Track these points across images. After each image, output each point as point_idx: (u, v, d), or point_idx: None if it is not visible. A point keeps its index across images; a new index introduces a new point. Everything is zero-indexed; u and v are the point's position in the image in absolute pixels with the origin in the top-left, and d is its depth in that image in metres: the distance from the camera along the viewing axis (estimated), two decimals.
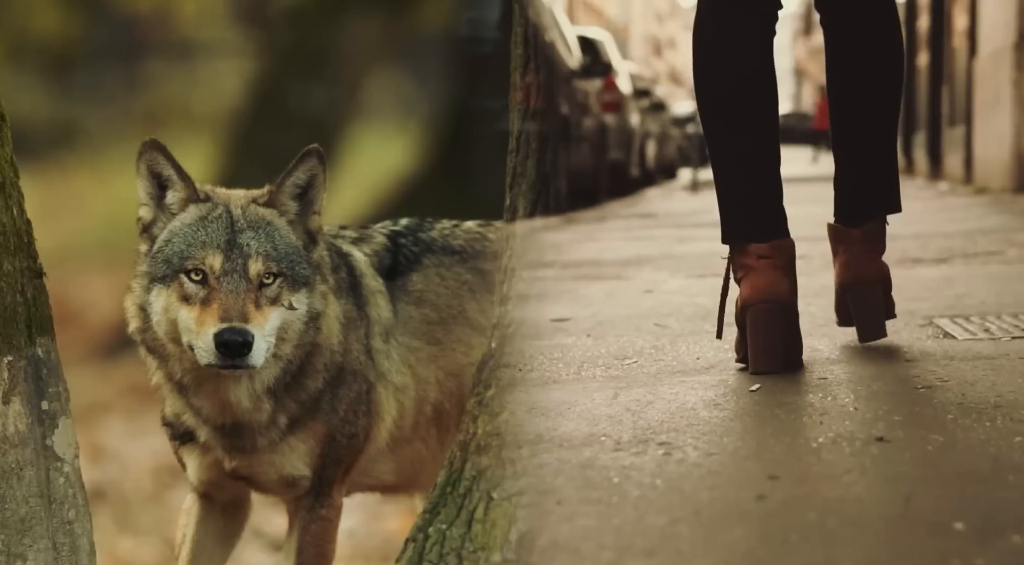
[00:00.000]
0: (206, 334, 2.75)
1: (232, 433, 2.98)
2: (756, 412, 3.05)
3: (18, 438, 2.58)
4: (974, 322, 4.08)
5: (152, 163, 2.91)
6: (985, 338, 3.79)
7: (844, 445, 2.63)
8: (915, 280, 5.36)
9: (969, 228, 8.26)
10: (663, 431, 2.78)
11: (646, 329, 4.20)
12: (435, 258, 3.29)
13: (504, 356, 3.28)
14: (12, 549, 2.55)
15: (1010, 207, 10.49)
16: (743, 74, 3.34)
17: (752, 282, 3.34)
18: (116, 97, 7.33)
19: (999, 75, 12.85)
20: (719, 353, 3.65)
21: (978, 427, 2.74)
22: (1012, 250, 6.63)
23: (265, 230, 2.88)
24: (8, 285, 2.60)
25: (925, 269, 5.85)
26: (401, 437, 3.19)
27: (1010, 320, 4.10)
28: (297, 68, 7.51)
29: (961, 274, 5.64)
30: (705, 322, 4.16)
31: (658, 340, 3.95)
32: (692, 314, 4.50)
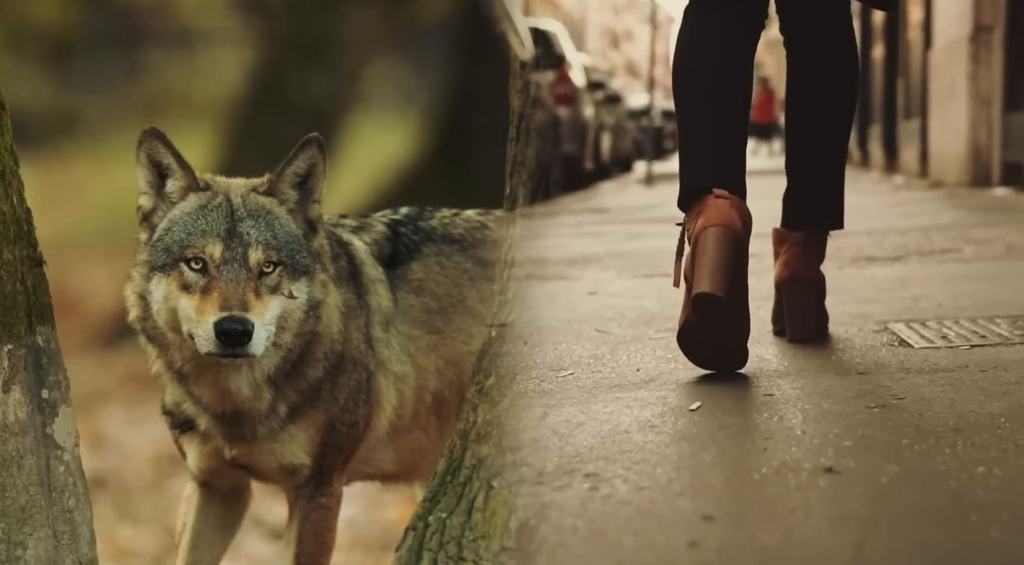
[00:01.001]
0: (206, 323, 2.75)
1: (232, 422, 2.98)
2: (695, 436, 2.80)
3: (18, 426, 2.58)
4: (931, 328, 3.89)
5: (152, 151, 2.91)
6: (943, 346, 3.61)
7: (789, 476, 2.41)
8: (869, 280, 5.22)
9: (924, 224, 8.07)
10: (592, 459, 2.58)
11: (586, 335, 4.03)
12: (435, 247, 3.29)
13: (504, 344, 3.28)
14: (12, 537, 2.56)
15: (966, 202, 10.24)
16: (718, 65, 3.44)
17: (706, 214, 3.30)
18: (116, 85, 7.33)
19: (954, 67, 12.68)
20: (660, 364, 3.52)
21: (936, 455, 2.52)
22: (968, 247, 6.39)
23: (265, 219, 2.88)
24: (8, 273, 2.60)
25: (879, 268, 5.65)
26: (401, 426, 3.19)
27: (968, 325, 3.92)
28: (297, 56, 7.50)
29: (917, 274, 5.44)
30: (649, 327, 4.10)
31: (598, 348, 3.80)
32: (635, 319, 4.35)
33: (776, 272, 3.75)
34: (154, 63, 7.51)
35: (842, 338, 3.75)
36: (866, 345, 3.66)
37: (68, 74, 7.36)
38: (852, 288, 4.81)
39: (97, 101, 7.27)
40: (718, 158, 3.46)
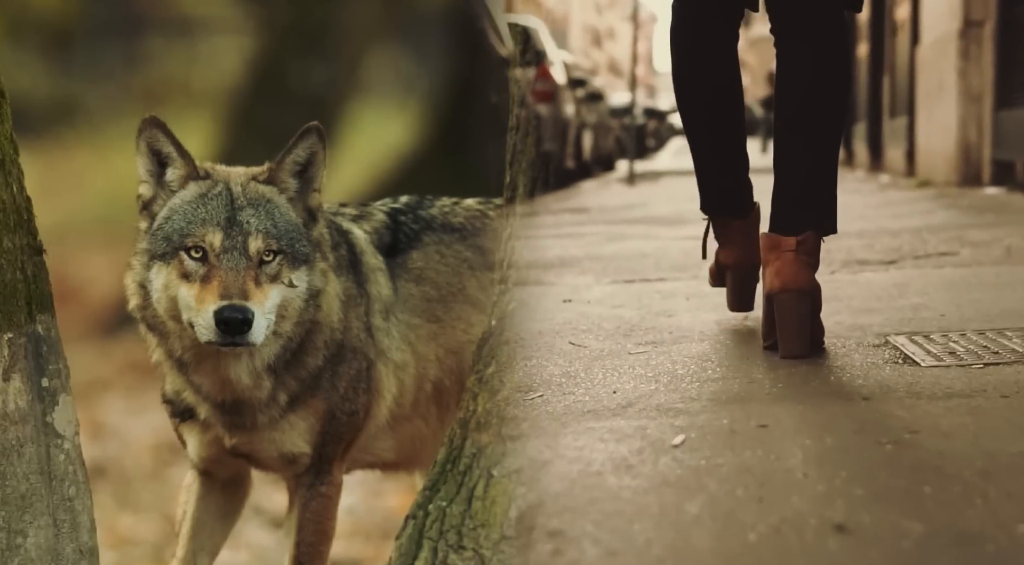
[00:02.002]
0: (206, 311, 2.75)
1: (232, 410, 2.98)
2: (678, 479, 2.44)
3: (18, 415, 2.58)
4: (936, 342, 3.56)
5: (152, 140, 2.91)
6: (953, 364, 3.27)
7: (791, 537, 2.08)
8: (863, 287, 4.88)
9: (916, 225, 7.67)
10: (557, 511, 2.28)
11: (559, 349, 3.70)
12: (435, 236, 3.29)
13: (504, 333, 3.28)
14: (13, 526, 2.56)
15: (957, 202, 9.76)
16: (717, 81, 3.80)
17: (732, 252, 4.01)
18: (116, 74, 7.32)
19: (943, 64, 12.37)
20: (639, 384, 3.22)
21: (966, 508, 2.16)
22: (965, 250, 6.02)
23: (265, 207, 2.88)
24: (8, 262, 2.60)
25: (873, 273, 5.30)
26: (401, 414, 3.19)
27: (976, 339, 3.58)
28: (297, 45, 7.49)
29: (914, 279, 5.07)
30: (627, 340, 3.80)
31: (571, 364, 3.49)
32: (613, 330, 4.02)
33: (766, 282, 3.51)
34: (154, 51, 7.50)
35: (839, 354, 3.43)
36: (867, 363, 3.33)
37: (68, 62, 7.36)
38: (846, 296, 4.56)
39: (97, 89, 7.27)
40: (726, 180, 3.95)
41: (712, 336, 3.91)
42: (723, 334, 3.95)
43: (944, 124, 12.26)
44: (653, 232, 7.87)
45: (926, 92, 13.50)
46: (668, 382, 3.23)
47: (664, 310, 4.42)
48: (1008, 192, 10.23)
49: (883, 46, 17.82)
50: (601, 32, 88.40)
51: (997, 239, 6.37)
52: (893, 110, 16.66)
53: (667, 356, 3.57)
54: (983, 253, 5.86)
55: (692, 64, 3.80)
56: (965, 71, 11.58)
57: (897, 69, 16.50)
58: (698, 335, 3.91)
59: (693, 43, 3.78)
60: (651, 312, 4.37)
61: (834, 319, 3.95)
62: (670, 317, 4.27)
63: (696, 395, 3.10)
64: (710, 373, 3.35)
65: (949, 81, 12.02)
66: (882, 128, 17.67)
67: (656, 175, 18.55)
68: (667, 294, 4.84)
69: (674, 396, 3.09)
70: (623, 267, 5.89)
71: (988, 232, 6.81)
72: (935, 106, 12.75)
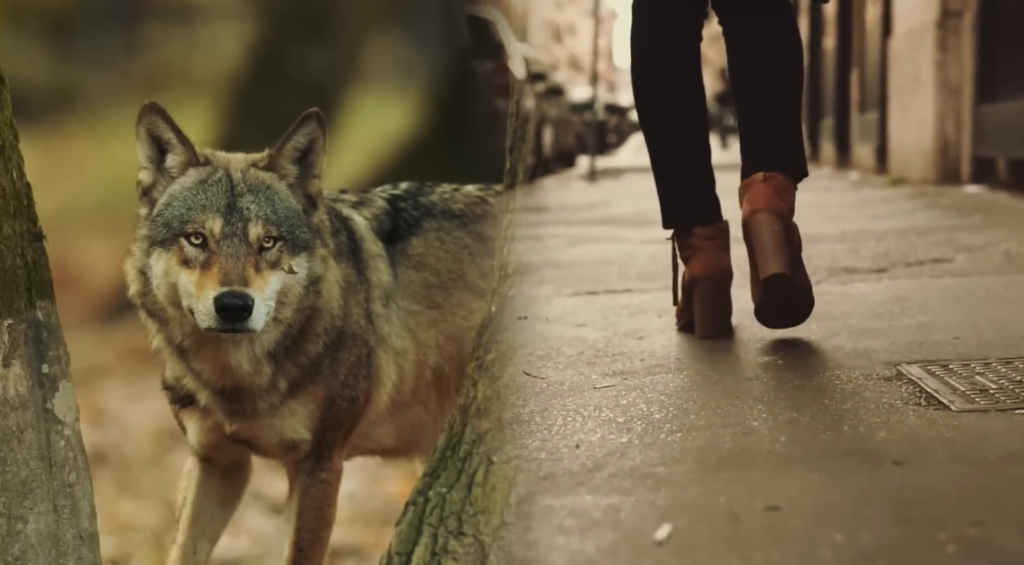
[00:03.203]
0: (206, 298, 2.75)
1: (232, 397, 2.98)
2: None
3: (18, 401, 2.58)
4: (959, 374, 3.05)
5: (152, 126, 2.90)
6: (990, 408, 2.73)
7: None
8: (858, 301, 4.33)
9: (899, 226, 7.03)
10: None
11: (512, 382, 3.22)
12: (435, 222, 3.29)
13: (503, 321, 3.28)
14: (13, 512, 2.56)
15: (937, 201, 9.06)
16: (673, 77, 3.69)
17: (701, 261, 3.66)
18: (116, 60, 7.32)
19: (919, 56, 11.77)
20: (608, 434, 2.68)
21: None
22: (960, 256, 5.44)
23: (265, 194, 2.88)
24: (8, 248, 2.60)
25: (865, 284, 4.75)
26: (401, 401, 3.19)
27: (1005, 371, 3.06)
28: (297, 31, 7.49)
29: (911, 291, 4.53)
30: (592, 369, 3.31)
31: (524, 405, 2.97)
32: (575, 356, 3.50)
33: (743, 212, 3.56)
34: (154, 38, 7.50)
35: (848, 391, 2.91)
36: (883, 405, 2.79)
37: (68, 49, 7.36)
38: (840, 312, 4.05)
39: (97, 76, 7.27)
40: (696, 192, 3.74)
41: (690, 364, 3.45)
42: (703, 361, 3.48)
43: (920, 119, 11.72)
44: (617, 234, 7.25)
45: (900, 85, 12.90)
46: (643, 431, 2.68)
47: (633, 330, 3.92)
48: (990, 190, 9.66)
49: (850, 38, 17.26)
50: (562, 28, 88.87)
51: (991, 243, 5.85)
52: (863, 105, 16.03)
53: (640, 392, 3.04)
54: (981, 260, 5.32)
55: (651, 59, 3.70)
56: (943, 63, 11.11)
57: (867, 62, 15.83)
58: (674, 363, 3.43)
59: (653, 42, 3.70)
60: (619, 333, 3.87)
61: (832, 343, 3.56)
62: (640, 339, 3.76)
63: (679, 453, 2.52)
64: (693, 418, 2.79)
65: (925, 74, 11.49)
66: (850, 124, 17.05)
67: (618, 172, 18.14)
68: (636, 309, 4.33)
69: (652, 455, 2.52)
70: (586, 276, 5.33)
71: (979, 235, 6.29)
72: (910, 100, 12.27)
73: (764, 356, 3.45)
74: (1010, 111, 9.24)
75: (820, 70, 20.05)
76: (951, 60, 10.99)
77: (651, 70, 3.69)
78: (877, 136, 14.25)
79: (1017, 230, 6.44)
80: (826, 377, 3.12)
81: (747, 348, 3.57)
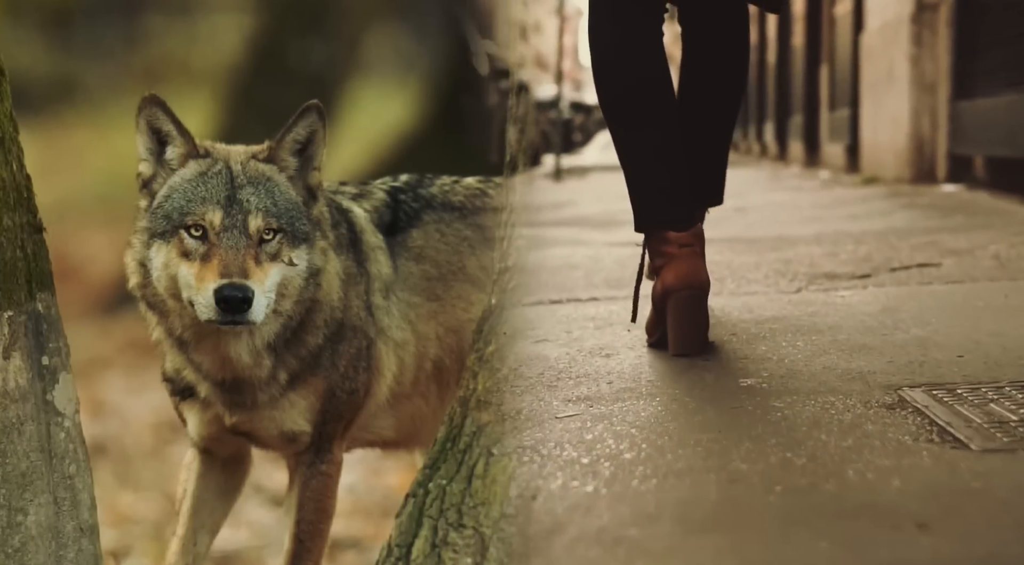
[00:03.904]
0: (206, 290, 2.75)
1: (232, 389, 2.98)
2: None
3: (19, 393, 2.58)
4: (970, 401, 2.71)
5: (152, 118, 2.90)
6: (1015, 446, 2.38)
7: None
8: (844, 312, 3.92)
9: (878, 227, 6.66)
10: None
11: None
12: (435, 214, 3.29)
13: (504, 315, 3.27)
14: (13, 503, 2.56)
15: (915, 201, 8.59)
16: (639, 73, 3.46)
17: (676, 269, 3.35)
18: (115, 52, 7.32)
19: (893, 51, 11.28)
20: (571, 480, 2.31)
21: None
22: (948, 261, 5.00)
23: (265, 186, 2.88)
24: (8, 240, 2.60)
25: (849, 292, 4.33)
26: (401, 393, 3.19)
27: (1021, 397, 2.73)
28: (297, 23, 7.49)
29: (902, 301, 4.11)
30: (553, 394, 2.98)
31: None
32: (534, 380, 3.14)
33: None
34: (154, 30, 7.50)
35: (847, 423, 2.55)
36: (890, 440, 2.44)
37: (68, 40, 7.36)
38: (827, 325, 3.66)
39: (97, 68, 7.27)
40: (669, 194, 3.46)
41: (664, 388, 3.07)
42: (678, 384, 3.11)
43: (893, 116, 11.25)
44: (583, 236, 6.88)
45: (872, 82, 12.39)
46: (612, 477, 2.31)
47: (600, 346, 3.53)
48: (968, 189, 9.19)
49: (820, 34, 16.76)
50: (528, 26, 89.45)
51: (979, 246, 5.44)
52: (833, 102, 15.50)
53: (607, 423, 2.69)
54: (970, 264, 4.91)
55: (615, 55, 3.50)
56: (918, 58, 10.64)
57: (837, 58, 15.27)
58: (646, 386, 3.06)
59: (613, 35, 3.51)
60: (583, 349, 3.49)
61: (821, 362, 3.18)
62: (608, 357, 3.39)
63: (655, 508, 2.16)
64: (670, 459, 2.41)
65: (899, 70, 10.98)
66: (819, 122, 16.58)
67: (583, 170, 17.84)
68: (602, 321, 3.95)
69: (623, 510, 2.16)
70: (549, 283, 4.95)
71: (964, 237, 5.85)
72: (883, 97, 11.78)
73: (746, 378, 3.05)
74: (989, 107, 8.83)
75: (788, 67, 19.72)
76: (926, 55, 10.65)
77: (619, 66, 3.50)
78: (848, 134, 13.77)
79: (1002, 231, 6.05)
80: (819, 405, 2.74)
81: (726, 368, 3.20)
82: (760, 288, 4.48)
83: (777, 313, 3.93)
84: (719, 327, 3.54)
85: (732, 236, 6.26)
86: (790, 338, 3.47)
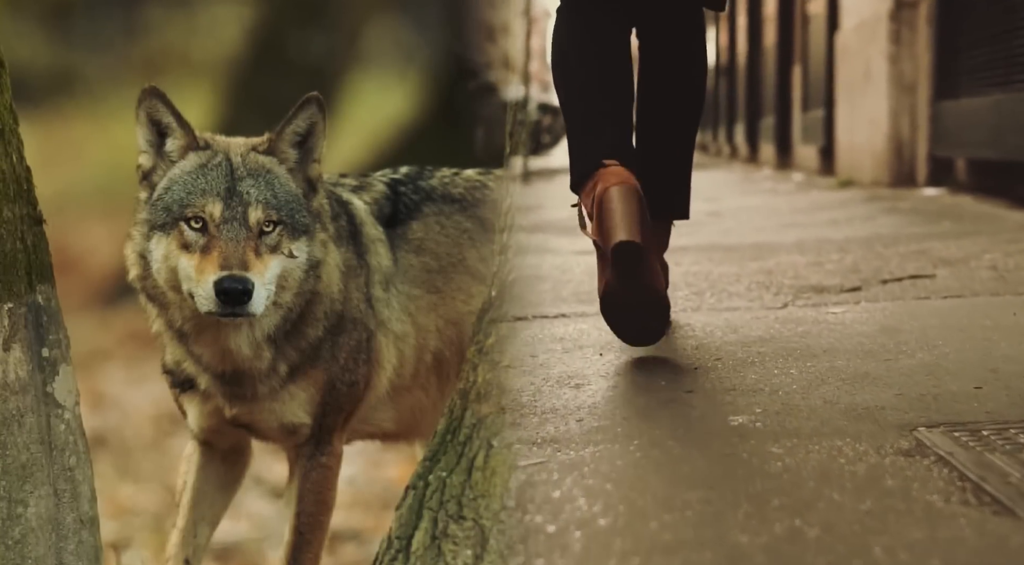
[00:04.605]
0: (206, 282, 2.75)
1: (232, 381, 2.99)
2: None
3: (19, 385, 2.58)
4: (999, 447, 2.35)
5: (152, 110, 2.90)
6: None
7: None
8: (838, 331, 3.56)
9: (861, 234, 6.25)
10: None
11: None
12: (435, 206, 3.29)
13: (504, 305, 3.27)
14: (13, 495, 2.56)
15: (896, 205, 8.16)
16: (602, 68, 3.44)
17: (604, 178, 3.22)
18: (115, 44, 7.32)
19: (870, 50, 10.94)
20: (534, 558, 2.01)
21: None
22: (941, 271, 4.63)
23: (265, 178, 2.88)
24: (8, 232, 2.60)
25: (841, 308, 3.94)
26: (401, 385, 3.19)
27: None
28: (297, 15, 7.49)
29: (900, 318, 3.74)
30: (516, 433, 2.66)
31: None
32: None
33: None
34: (153, 22, 7.50)
35: (862, 477, 2.18)
36: (916, 502, 2.06)
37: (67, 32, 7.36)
38: (822, 349, 3.28)
39: (96, 59, 7.27)
40: (607, 141, 3.38)
41: (642, 427, 2.68)
42: (657, 422, 2.72)
43: (871, 117, 10.91)
44: (551, 243, 6.52)
45: (848, 82, 12.03)
46: (584, 554, 1.98)
47: (569, 375, 3.17)
48: (951, 193, 8.86)
49: (792, 34, 16.38)
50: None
51: (972, 255, 5.06)
52: (806, 103, 15.08)
53: (578, 476, 2.33)
54: (966, 275, 4.52)
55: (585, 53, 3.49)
56: (896, 57, 10.27)
57: (811, 58, 14.82)
58: (621, 424, 2.69)
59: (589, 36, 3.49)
60: (550, 378, 3.13)
61: (821, 394, 2.82)
62: (577, 388, 3.03)
63: None
64: (654, 528, 2.04)
65: (877, 69, 10.64)
66: (792, 123, 16.17)
67: (551, 173, 17.52)
68: (571, 343, 3.59)
69: None
70: (513, 296, 4.08)
71: (955, 245, 5.47)
72: (859, 97, 11.46)
73: (736, 415, 2.67)
74: (973, 108, 8.51)
75: (759, 67, 19.35)
76: (905, 54, 10.30)
77: (583, 61, 3.48)
78: (822, 136, 13.44)
79: (994, 238, 5.71)
80: (825, 451, 2.36)
81: (712, 401, 2.84)
82: (743, 303, 4.13)
83: (764, 333, 3.56)
84: (702, 350, 3.28)
85: (709, 243, 5.98)
86: (782, 364, 3.12)
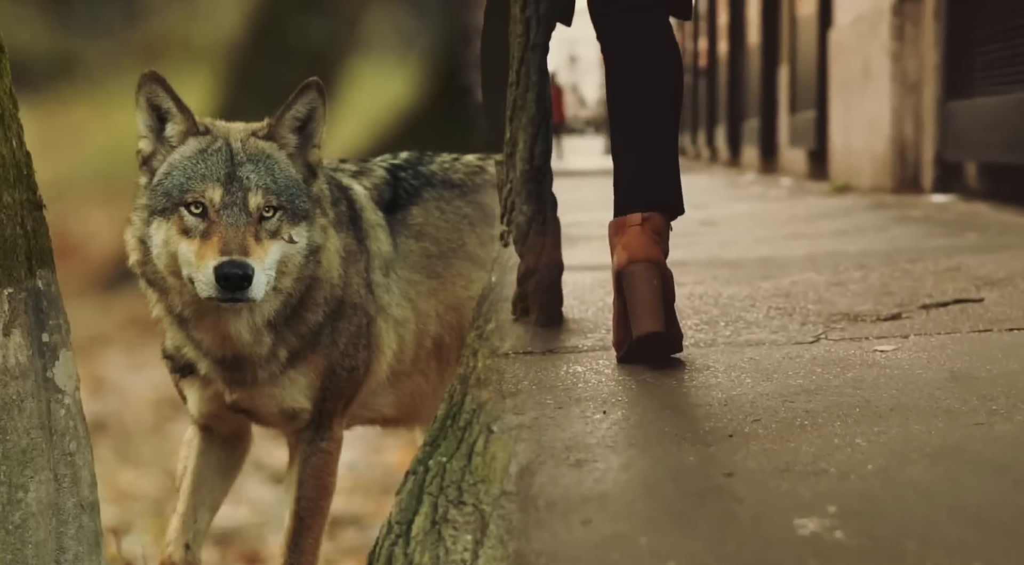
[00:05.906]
0: (206, 267, 2.75)
1: (232, 366, 2.99)
2: None
3: (19, 370, 2.58)
4: None
5: (151, 95, 2.90)
6: None
7: None
8: (898, 379, 2.72)
9: (878, 247, 5.49)
10: None
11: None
12: (435, 192, 3.29)
13: (503, 291, 3.27)
14: (14, 480, 2.56)
15: (907, 213, 7.35)
16: None
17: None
18: (115, 29, 7.31)
19: (869, 47, 10.24)
20: None
21: None
22: (990, 295, 3.82)
23: (265, 163, 2.88)
24: (8, 217, 2.60)
25: (888, 343, 3.12)
26: (401, 370, 3.19)
27: None
28: (296, 0, 7.48)
29: (968, 360, 2.88)
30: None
31: None
32: None
33: (614, 261, 3.08)
34: (153, 7, 7.48)
35: None
36: None
37: (67, 17, 7.35)
38: (885, 406, 2.49)
39: (96, 45, 7.26)
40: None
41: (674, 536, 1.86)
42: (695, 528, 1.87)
43: (870, 118, 10.17)
44: None
45: (843, 81, 11.34)
46: None
47: (567, 445, 2.33)
48: (963, 200, 8.10)
49: (778, 32, 15.61)
50: None
51: (1017, 273, 4.26)
52: (794, 104, 14.22)
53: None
54: (1020, 300, 3.72)
55: None
56: (900, 54, 9.57)
57: (799, 57, 13.92)
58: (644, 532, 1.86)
59: None
60: (542, 452, 2.32)
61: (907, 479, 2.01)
62: (579, 466, 2.20)
63: None
64: None
65: (878, 67, 9.91)
66: (777, 125, 15.46)
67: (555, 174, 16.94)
68: (564, 394, 2.78)
69: None
70: None
71: (990, 261, 4.67)
72: (856, 97, 10.74)
73: (803, 515, 1.85)
74: (990, 107, 7.74)
75: (742, 67, 18.76)
76: (909, 51, 9.60)
77: None
78: (813, 138, 12.69)
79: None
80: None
81: (763, 490, 2.01)
82: (766, 335, 3.33)
83: (806, 381, 2.74)
84: (732, 407, 2.52)
85: (709, 258, 5.32)
86: (841, 430, 2.31)
